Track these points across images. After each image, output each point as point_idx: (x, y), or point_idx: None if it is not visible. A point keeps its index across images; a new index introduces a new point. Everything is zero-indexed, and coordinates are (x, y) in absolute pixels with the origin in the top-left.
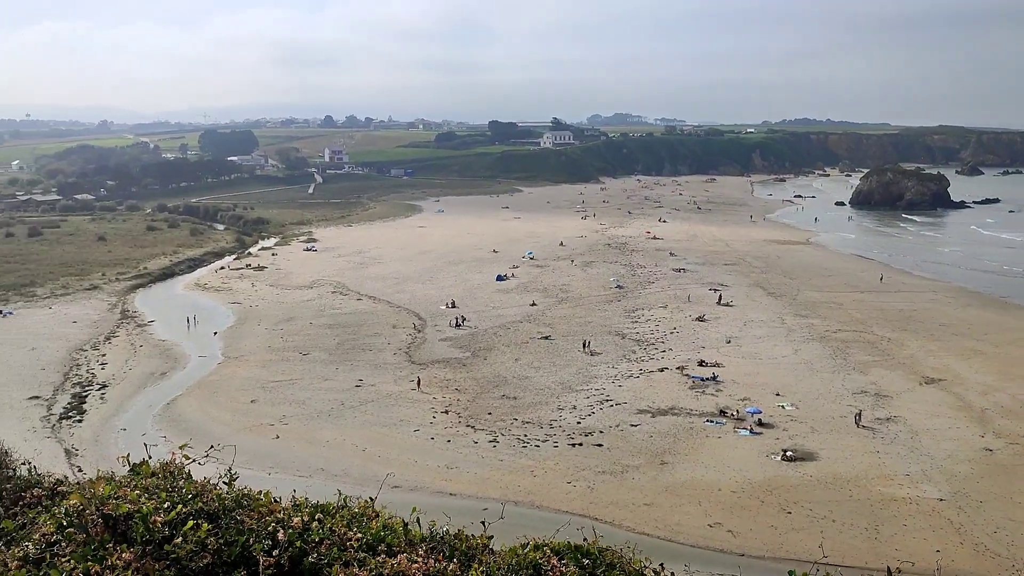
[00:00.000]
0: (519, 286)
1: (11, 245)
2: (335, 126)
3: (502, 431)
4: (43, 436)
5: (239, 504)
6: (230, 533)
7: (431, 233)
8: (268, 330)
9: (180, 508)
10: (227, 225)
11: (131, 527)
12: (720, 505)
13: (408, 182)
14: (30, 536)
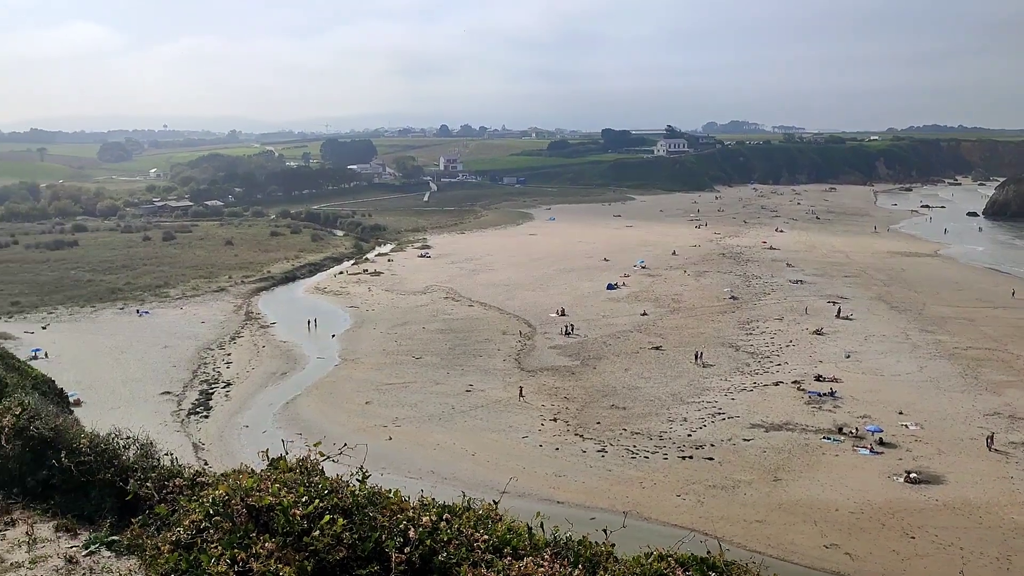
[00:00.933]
0: (630, 295)
1: (148, 248)
2: (450, 135)
3: (611, 441)
4: (173, 430)
5: (371, 501)
6: (363, 529)
7: (542, 241)
8: (383, 334)
9: (317, 503)
10: (346, 231)
11: (273, 518)
12: (837, 526)
13: (520, 190)
14: (180, 522)
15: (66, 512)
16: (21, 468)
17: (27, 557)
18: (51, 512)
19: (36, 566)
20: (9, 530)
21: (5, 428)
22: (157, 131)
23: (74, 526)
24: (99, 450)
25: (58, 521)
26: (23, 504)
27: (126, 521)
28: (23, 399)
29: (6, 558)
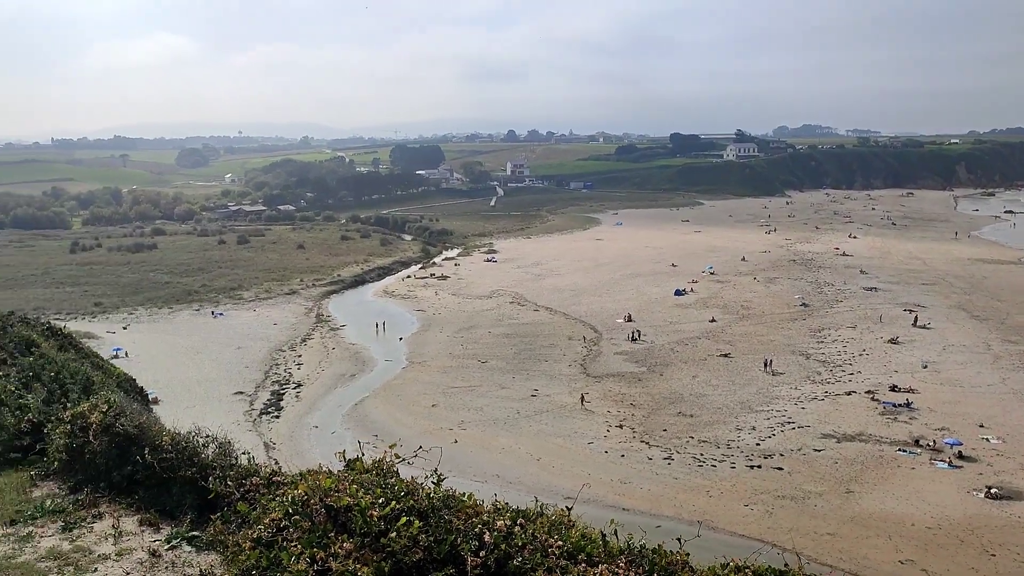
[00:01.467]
0: (698, 301)
1: (223, 251)
2: (517, 140)
3: (677, 448)
4: (246, 429)
5: (446, 504)
6: (439, 531)
7: (609, 246)
8: (449, 337)
9: (394, 504)
10: (414, 236)
11: (351, 519)
12: (913, 541)
13: (587, 195)
14: (261, 520)
15: (149, 507)
16: (107, 463)
17: (113, 549)
18: (135, 506)
19: (122, 558)
20: (97, 523)
21: (93, 424)
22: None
23: (157, 520)
24: (180, 448)
25: (142, 515)
26: (109, 498)
27: (205, 517)
28: (109, 397)
29: (94, 550)
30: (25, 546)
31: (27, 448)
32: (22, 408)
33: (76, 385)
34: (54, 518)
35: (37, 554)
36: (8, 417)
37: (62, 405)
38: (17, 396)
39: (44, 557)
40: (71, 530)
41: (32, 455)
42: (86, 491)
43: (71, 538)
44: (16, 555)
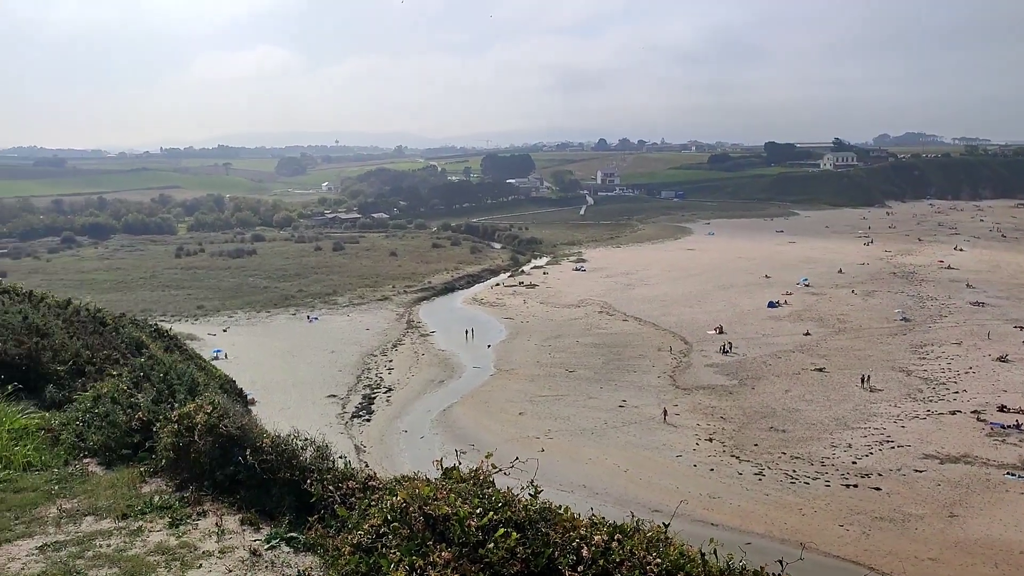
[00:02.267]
0: (792, 314)
1: (319, 257)
2: (608, 149)
3: (768, 464)
4: (338, 432)
5: (543, 517)
6: (536, 544)
7: (700, 256)
8: (537, 346)
9: (491, 515)
10: (503, 244)
11: (449, 528)
12: (1022, 570)
13: (678, 204)
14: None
15: (250, 507)
16: (211, 463)
17: (216, 547)
18: (237, 506)
19: (224, 556)
20: (201, 520)
21: (199, 425)
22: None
23: (257, 520)
24: (280, 450)
25: (243, 515)
26: (212, 496)
27: (303, 519)
28: (214, 398)
29: (199, 546)
30: (135, 540)
31: (137, 445)
32: (133, 407)
33: (183, 386)
34: (161, 514)
35: (146, 548)
36: (120, 415)
37: (169, 405)
38: (129, 395)
39: (152, 551)
40: (177, 526)
41: (141, 452)
42: (191, 489)
43: (177, 534)
44: (127, 548)
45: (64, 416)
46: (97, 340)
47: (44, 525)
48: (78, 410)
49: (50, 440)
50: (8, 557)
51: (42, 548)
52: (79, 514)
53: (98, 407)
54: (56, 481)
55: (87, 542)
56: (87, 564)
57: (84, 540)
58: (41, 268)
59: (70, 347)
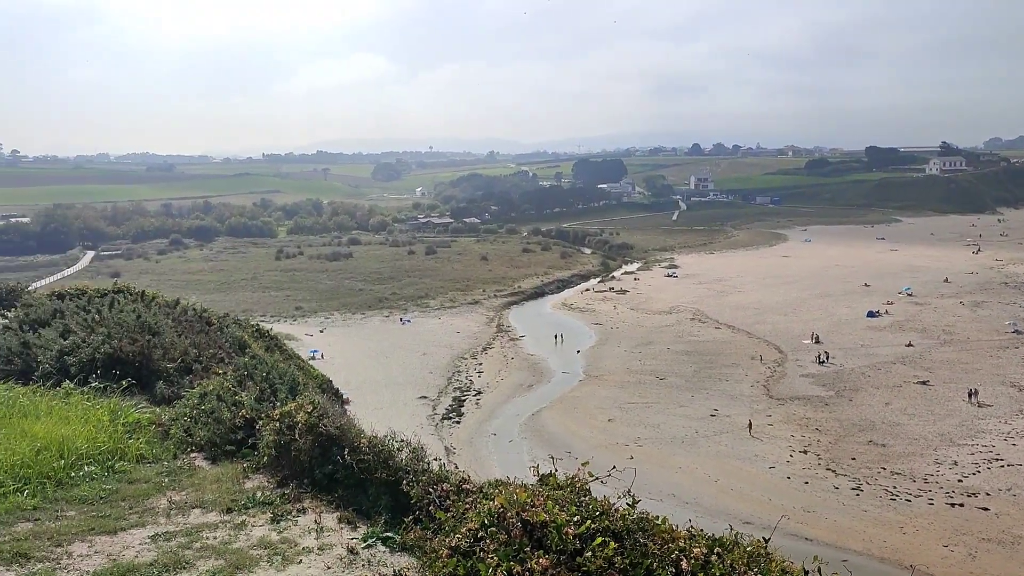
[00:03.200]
0: (893, 324)
1: (412, 261)
2: (702, 154)
3: (867, 479)
4: (428, 433)
5: (640, 527)
6: (634, 554)
7: (796, 263)
8: (627, 352)
9: (589, 524)
10: (593, 249)
11: (546, 535)
12: None
13: (774, 210)
14: (458, 529)
15: (347, 505)
16: (311, 461)
17: (315, 544)
18: (335, 504)
19: (323, 553)
20: (301, 517)
21: (299, 424)
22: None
23: (354, 519)
24: (376, 450)
25: (340, 513)
26: (312, 494)
27: (398, 519)
28: (314, 398)
29: (298, 542)
30: (239, 533)
31: (241, 442)
32: (237, 404)
33: (284, 385)
34: (264, 509)
35: (249, 542)
36: (225, 412)
37: (271, 404)
38: (233, 393)
39: (255, 545)
40: (278, 522)
41: (245, 449)
42: (292, 486)
43: (279, 529)
44: (232, 541)
45: (173, 412)
46: (203, 339)
47: (155, 516)
48: (186, 406)
49: (160, 434)
50: (123, 545)
51: (154, 538)
52: (187, 506)
53: (204, 404)
54: (166, 474)
55: (195, 534)
56: (195, 555)
57: (192, 532)
58: (151, 269)
59: (179, 345)
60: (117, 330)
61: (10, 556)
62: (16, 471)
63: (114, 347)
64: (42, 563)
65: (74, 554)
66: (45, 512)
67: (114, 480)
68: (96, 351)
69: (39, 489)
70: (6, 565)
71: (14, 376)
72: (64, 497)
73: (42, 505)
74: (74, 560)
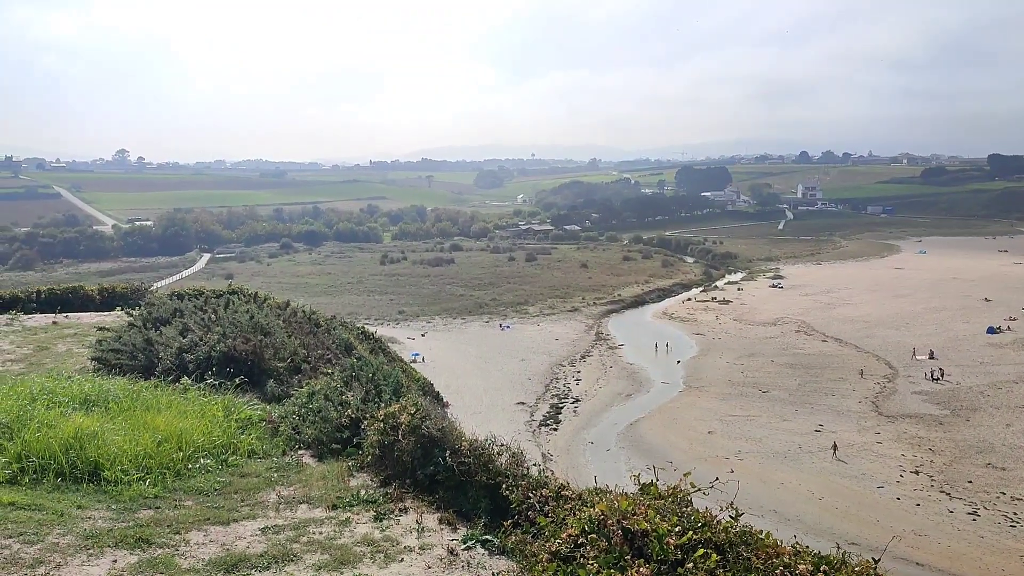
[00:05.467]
0: (1016, 341)
1: (512, 268)
2: (810, 161)
3: (984, 504)
4: (526, 439)
5: (743, 540)
6: (737, 568)
7: (909, 275)
8: (729, 364)
9: (690, 534)
10: (696, 258)
11: (647, 544)
12: None
13: (886, 220)
14: (558, 534)
15: (447, 507)
16: (413, 462)
17: (417, 543)
18: (436, 505)
19: (424, 553)
20: (403, 516)
21: (403, 425)
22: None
23: (454, 520)
24: (477, 453)
25: (441, 514)
26: (413, 494)
27: (497, 522)
28: (416, 400)
29: (400, 541)
30: (344, 530)
31: (346, 441)
32: (344, 404)
33: (388, 387)
34: (367, 507)
35: (353, 538)
36: (332, 411)
37: (376, 404)
38: (340, 393)
39: (359, 542)
40: (381, 520)
41: (350, 447)
42: (394, 485)
43: (381, 527)
44: (336, 537)
45: (282, 409)
46: (312, 340)
47: (265, 509)
48: (295, 404)
49: (270, 431)
50: (236, 536)
51: (264, 530)
52: (295, 501)
53: (312, 403)
54: (275, 469)
55: (302, 528)
56: (302, 548)
57: (300, 526)
58: (262, 271)
59: (289, 346)
60: (232, 330)
61: (133, 541)
62: (139, 461)
63: (228, 346)
64: (162, 549)
65: (191, 542)
66: (165, 501)
67: (227, 473)
68: (212, 349)
69: (160, 479)
70: (129, 549)
71: (138, 371)
72: (182, 487)
73: (162, 494)
74: (191, 548)
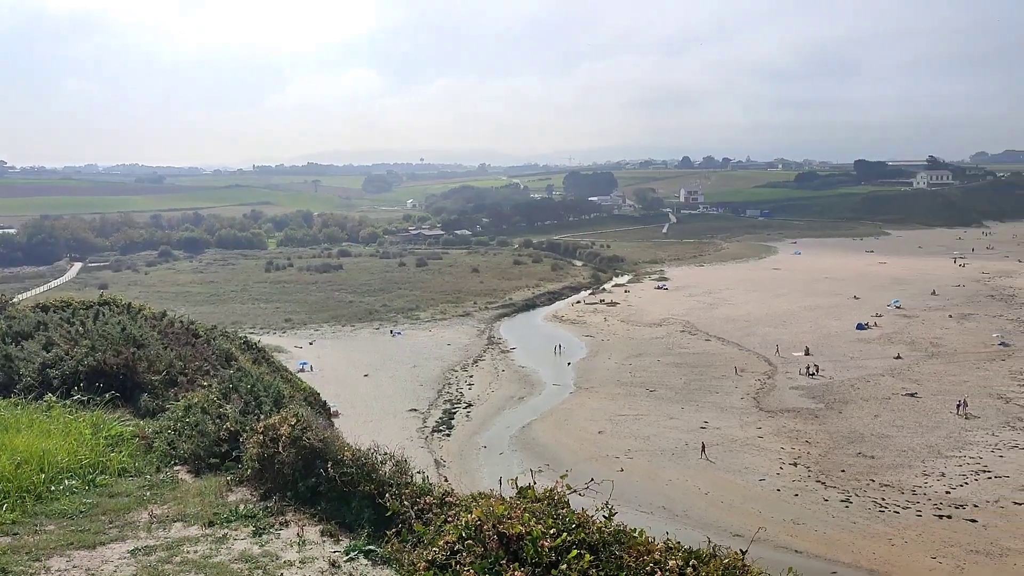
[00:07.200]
0: (882, 336)
1: (403, 273)
2: (692, 167)
3: (856, 491)
4: (418, 445)
5: (617, 539)
6: (610, 567)
7: (786, 275)
8: (618, 364)
9: (565, 536)
10: (585, 261)
11: (522, 548)
12: None
13: (764, 223)
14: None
15: (330, 518)
16: (294, 474)
17: (297, 557)
18: (318, 517)
19: (305, 566)
20: (283, 530)
21: (283, 436)
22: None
23: (337, 532)
24: (360, 463)
25: (323, 526)
26: (295, 507)
27: (381, 532)
28: (298, 411)
29: (280, 555)
30: (220, 547)
31: (225, 455)
32: (222, 417)
33: (269, 398)
34: (246, 522)
35: (231, 556)
36: (210, 425)
37: (256, 416)
38: (218, 406)
39: (236, 559)
40: (261, 535)
41: (228, 462)
42: (275, 499)
43: (261, 543)
44: (213, 555)
45: (157, 424)
46: (189, 351)
47: (136, 529)
48: (170, 419)
49: (144, 447)
50: (102, 560)
51: (134, 552)
52: (169, 520)
53: (189, 416)
54: (148, 487)
55: (175, 547)
56: (175, 569)
57: (173, 545)
58: (139, 281)
59: (164, 358)
60: (101, 342)
61: None
62: None
63: (98, 360)
64: None
65: (52, 569)
66: (24, 526)
67: (95, 494)
68: (79, 364)
69: (18, 503)
70: None
71: None
72: (44, 511)
73: (21, 519)
74: (52, 575)
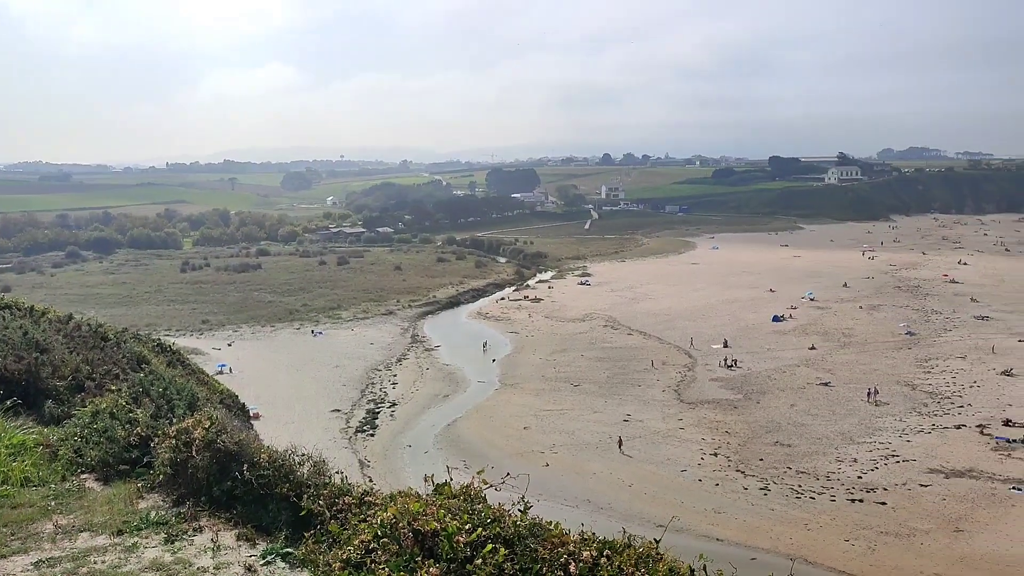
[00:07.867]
0: (797, 328)
1: (323, 272)
2: (613, 164)
3: (774, 479)
4: (341, 446)
5: (532, 532)
6: (524, 560)
7: (705, 270)
8: (542, 360)
9: (480, 531)
10: (508, 258)
11: (437, 544)
12: None
13: (683, 218)
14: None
15: (246, 522)
16: (209, 478)
17: (212, 563)
18: (233, 521)
19: (219, 572)
20: (197, 536)
21: (196, 440)
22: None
23: (253, 536)
24: (277, 465)
25: (239, 530)
26: (209, 512)
27: (299, 534)
28: (212, 413)
29: (194, 562)
30: (130, 556)
31: (135, 461)
32: (132, 422)
33: (182, 401)
34: (158, 530)
35: (140, 564)
36: (119, 430)
37: (168, 420)
38: (128, 411)
39: (147, 568)
40: (173, 542)
41: (139, 468)
42: (188, 504)
43: (173, 550)
44: (121, 565)
45: (62, 431)
46: (98, 355)
47: (40, 541)
48: (76, 425)
49: (48, 456)
50: (4, 573)
51: (37, 564)
52: (75, 530)
53: (96, 422)
54: (53, 497)
55: (82, 558)
56: None
57: (79, 556)
58: (45, 283)
59: (70, 362)
60: (1, 348)
61: None
62: None
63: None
64: None
65: None
66: None
67: None
68: None
69: None
70: None
71: None
72: None
73: None
74: None
